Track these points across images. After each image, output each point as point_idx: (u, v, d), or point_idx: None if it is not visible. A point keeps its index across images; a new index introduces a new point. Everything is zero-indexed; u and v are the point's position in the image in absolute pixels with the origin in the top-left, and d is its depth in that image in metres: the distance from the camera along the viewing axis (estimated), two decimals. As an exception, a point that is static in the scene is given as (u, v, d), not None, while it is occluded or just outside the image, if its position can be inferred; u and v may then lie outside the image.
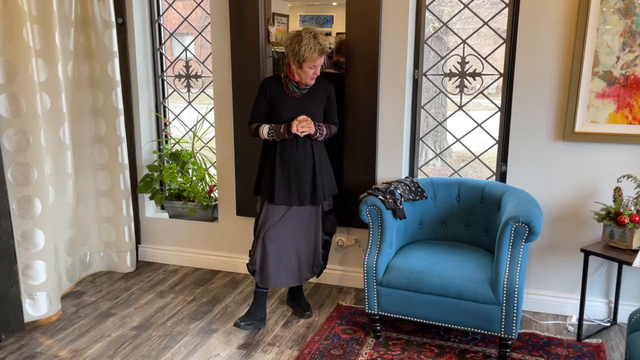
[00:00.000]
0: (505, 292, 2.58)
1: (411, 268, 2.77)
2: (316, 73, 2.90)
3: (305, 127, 2.86)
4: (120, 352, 2.84)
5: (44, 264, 3.09)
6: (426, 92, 3.78)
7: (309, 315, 3.22)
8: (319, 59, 2.84)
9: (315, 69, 2.87)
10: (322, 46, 2.82)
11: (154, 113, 4.03)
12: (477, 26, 3.36)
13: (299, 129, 2.85)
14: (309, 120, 2.88)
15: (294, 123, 2.85)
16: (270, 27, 3.58)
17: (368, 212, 2.88)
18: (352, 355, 2.78)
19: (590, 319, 3.15)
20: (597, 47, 2.90)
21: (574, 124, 2.99)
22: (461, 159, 7.92)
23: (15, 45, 2.85)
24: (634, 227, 2.73)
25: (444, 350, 2.83)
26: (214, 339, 2.97)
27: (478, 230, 3.08)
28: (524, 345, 2.87)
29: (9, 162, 2.94)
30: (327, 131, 3.00)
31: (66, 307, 3.35)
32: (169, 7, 3.90)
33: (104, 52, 3.54)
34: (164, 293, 3.56)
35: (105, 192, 3.78)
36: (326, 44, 2.87)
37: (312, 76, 2.89)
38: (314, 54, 2.79)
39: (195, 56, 3.94)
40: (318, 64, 2.86)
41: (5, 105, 2.89)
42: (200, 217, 3.96)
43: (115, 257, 3.88)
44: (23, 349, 2.88)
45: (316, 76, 2.91)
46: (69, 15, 3.39)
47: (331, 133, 3.05)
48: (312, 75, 2.89)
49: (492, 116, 3.37)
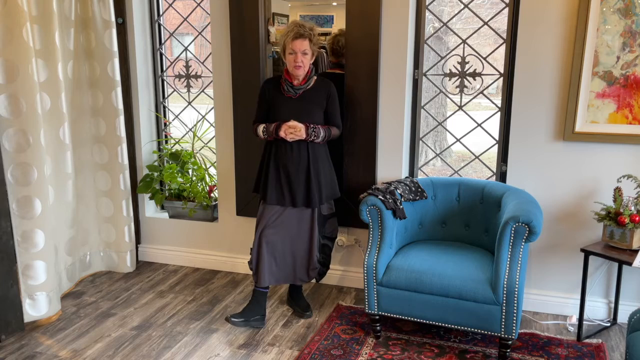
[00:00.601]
0: (505, 292, 2.58)
1: (411, 268, 2.77)
2: (300, 61, 2.85)
3: (293, 135, 2.86)
4: (120, 352, 2.84)
5: (44, 264, 3.09)
6: (426, 92, 3.78)
7: (309, 316, 3.21)
8: (297, 43, 2.82)
9: (296, 55, 2.84)
10: (300, 31, 2.81)
11: (154, 113, 4.03)
12: (477, 26, 3.36)
13: (286, 134, 2.87)
14: (299, 127, 2.86)
15: (283, 127, 2.87)
16: (270, 27, 3.58)
17: (368, 212, 2.88)
18: (352, 355, 2.78)
19: (590, 319, 3.15)
20: (597, 47, 2.90)
21: (574, 124, 2.99)
22: (461, 159, 7.92)
23: (15, 45, 2.85)
24: (634, 227, 2.73)
25: (444, 350, 2.83)
26: (214, 339, 2.97)
27: (478, 230, 3.08)
28: (524, 345, 2.87)
29: (9, 162, 2.94)
30: (325, 133, 2.98)
31: (66, 307, 3.35)
32: (169, 7, 3.90)
33: (104, 52, 3.54)
34: (164, 293, 3.56)
35: (105, 192, 3.78)
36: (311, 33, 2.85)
37: (295, 65, 2.86)
38: (289, 37, 2.81)
39: (195, 56, 3.94)
40: (297, 49, 2.83)
41: (5, 105, 2.89)
42: (200, 217, 3.96)
43: (115, 257, 3.88)
44: (23, 349, 2.88)
45: (301, 66, 2.87)
46: (69, 15, 3.39)
47: (331, 135, 3.03)
48: (294, 64, 2.86)
49: (492, 116, 3.37)
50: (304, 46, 2.85)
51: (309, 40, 2.86)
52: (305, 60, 2.88)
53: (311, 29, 2.89)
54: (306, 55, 2.87)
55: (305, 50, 2.86)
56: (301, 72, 2.90)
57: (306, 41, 2.85)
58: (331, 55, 3.53)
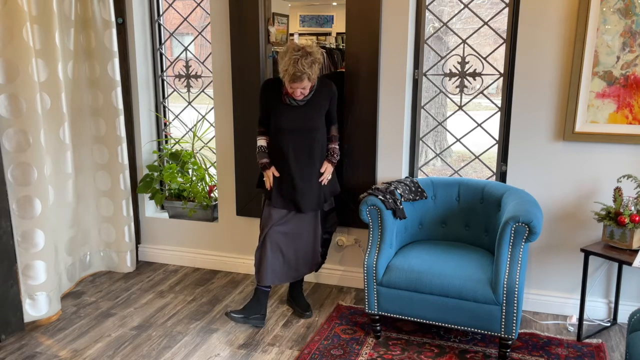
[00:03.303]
0: (505, 292, 2.58)
1: (411, 268, 2.77)
2: (300, 94, 2.82)
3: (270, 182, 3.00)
4: (120, 352, 2.84)
5: (44, 264, 3.09)
6: (426, 92, 3.77)
7: (309, 316, 3.21)
8: (295, 85, 2.76)
9: (295, 90, 2.79)
10: (296, 73, 2.69)
11: (154, 113, 4.03)
12: (477, 26, 3.36)
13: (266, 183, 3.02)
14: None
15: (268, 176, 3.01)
16: (270, 27, 3.58)
17: (368, 212, 2.88)
18: (352, 355, 2.78)
19: (590, 319, 3.15)
20: (597, 47, 2.90)
21: (574, 124, 2.99)
22: (461, 159, 7.92)
23: (15, 45, 2.85)
24: (634, 227, 2.73)
25: (444, 350, 2.83)
26: (214, 339, 2.97)
27: (478, 230, 3.08)
28: (524, 345, 2.87)
29: (9, 162, 2.94)
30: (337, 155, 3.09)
31: (66, 307, 3.35)
32: (169, 7, 3.90)
33: (104, 52, 3.54)
34: (164, 293, 3.56)
35: (105, 192, 3.77)
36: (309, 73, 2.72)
37: (299, 96, 2.84)
38: (286, 78, 2.75)
39: (195, 56, 3.94)
40: (295, 87, 2.77)
41: (5, 105, 2.89)
42: (200, 217, 3.96)
43: (115, 257, 3.88)
44: (23, 349, 2.88)
45: (303, 95, 2.85)
46: (69, 15, 3.39)
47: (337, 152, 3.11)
48: (298, 95, 2.83)
49: (492, 116, 3.36)
50: (303, 85, 2.79)
51: (307, 79, 2.76)
52: (305, 92, 2.85)
53: (310, 65, 2.73)
54: (305, 89, 2.83)
55: (304, 87, 2.81)
56: (303, 98, 2.88)
57: (305, 81, 2.77)
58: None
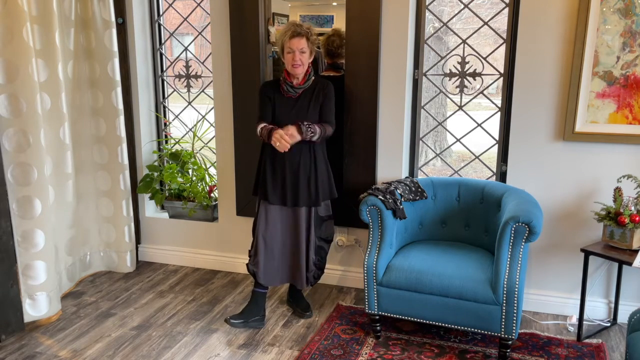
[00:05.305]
0: (505, 292, 2.58)
1: (411, 268, 2.77)
2: (299, 60, 2.87)
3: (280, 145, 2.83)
4: (120, 352, 2.84)
5: (44, 264, 3.09)
6: (426, 92, 3.78)
7: (309, 316, 3.21)
8: (294, 42, 2.85)
9: (294, 53, 2.86)
10: (297, 30, 2.84)
11: (154, 113, 4.03)
12: (477, 26, 3.36)
13: (275, 143, 2.84)
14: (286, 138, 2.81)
15: (275, 136, 2.83)
16: (270, 27, 3.58)
17: (368, 212, 2.88)
18: (352, 355, 2.78)
19: (590, 319, 3.15)
20: (597, 47, 2.90)
21: (574, 124, 2.99)
22: (461, 159, 7.92)
23: (15, 45, 2.85)
24: (634, 227, 2.73)
25: (444, 350, 2.83)
26: (214, 339, 2.97)
27: (478, 230, 3.08)
28: (524, 345, 2.87)
29: (9, 162, 2.94)
30: (321, 132, 2.92)
31: (66, 307, 3.35)
32: (169, 7, 3.90)
33: (104, 52, 3.54)
34: (164, 293, 3.56)
35: (105, 192, 3.77)
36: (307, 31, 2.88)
37: (294, 63, 2.87)
38: (287, 37, 2.85)
39: (195, 56, 3.94)
40: (295, 47, 2.85)
41: (5, 105, 2.89)
42: (200, 217, 3.96)
43: (115, 257, 3.88)
44: (23, 349, 2.88)
45: (300, 65, 2.88)
46: (69, 15, 3.39)
47: (325, 133, 2.97)
48: (293, 62, 2.87)
49: (492, 116, 3.36)
50: (302, 44, 2.86)
51: (306, 39, 2.88)
52: (304, 59, 2.89)
53: (308, 27, 2.92)
54: (304, 54, 2.88)
55: (303, 48, 2.87)
56: (300, 70, 2.90)
57: (303, 39, 2.86)
58: (326, 56, 3.53)
